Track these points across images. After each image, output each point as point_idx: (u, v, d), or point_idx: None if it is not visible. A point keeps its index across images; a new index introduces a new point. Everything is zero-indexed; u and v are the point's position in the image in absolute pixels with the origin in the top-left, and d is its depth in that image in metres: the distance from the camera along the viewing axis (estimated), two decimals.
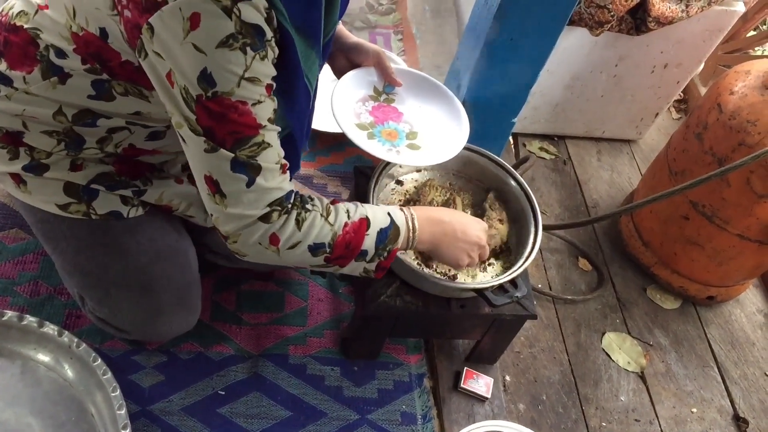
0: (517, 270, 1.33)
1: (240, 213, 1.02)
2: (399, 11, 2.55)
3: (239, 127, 0.95)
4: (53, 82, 1.09)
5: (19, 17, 1.10)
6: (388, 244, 1.15)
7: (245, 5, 0.87)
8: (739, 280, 1.93)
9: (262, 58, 0.92)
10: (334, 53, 1.38)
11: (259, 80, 0.93)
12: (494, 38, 1.44)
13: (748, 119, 1.59)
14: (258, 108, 0.95)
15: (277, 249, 1.06)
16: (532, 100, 2.16)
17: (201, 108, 0.93)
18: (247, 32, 0.88)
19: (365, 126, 1.30)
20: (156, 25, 0.89)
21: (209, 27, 0.87)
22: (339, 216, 1.10)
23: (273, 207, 1.03)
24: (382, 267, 1.17)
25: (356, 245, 1.11)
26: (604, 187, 2.27)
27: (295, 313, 1.60)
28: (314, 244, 1.08)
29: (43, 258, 1.54)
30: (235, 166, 0.98)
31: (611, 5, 1.76)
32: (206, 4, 0.85)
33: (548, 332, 1.84)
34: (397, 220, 1.16)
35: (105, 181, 1.25)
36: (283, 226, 1.05)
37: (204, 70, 0.89)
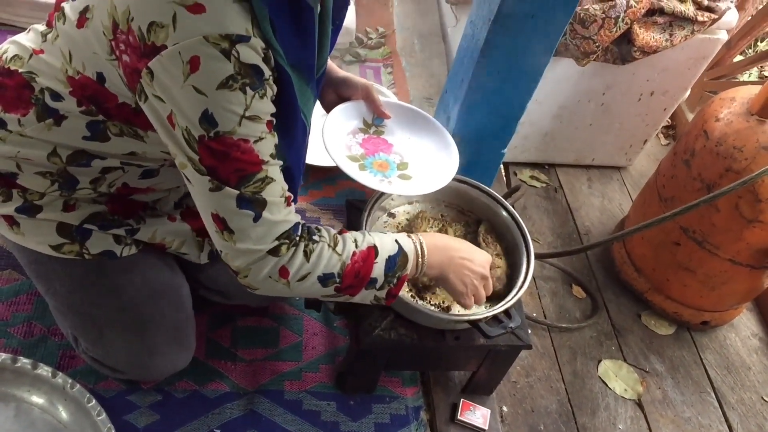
0: (510, 300, 1.33)
1: (249, 248, 1.02)
2: (388, 45, 2.58)
3: (243, 165, 0.96)
4: (48, 124, 1.10)
5: (13, 62, 1.12)
6: (397, 270, 1.15)
7: (243, 47, 0.89)
8: (733, 305, 1.94)
9: (261, 96, 0.94)
10: (323, 88, 1.39)
11: (260, 118, 0.95)
12: (481, 72, 1.46)
13: (735, 145, 1.61)
14: (260, 144, 0.97)
15: (287, 281, 1.06)
16: (522, 130, 2.19)
17: (204, 148, 0.94)
18: (246, 73, 0.90)
19: (356, 158, 1.31)
20: (156, 69, 0.90)
21: (209, 69, 0.88)
22: (347, 245, 1.11)
23: (281, 240, 1.04)
24: (392, 294, 1.17)
25: (365, 274, 1.12)
26: (596, 213, 2.29)
27: (290, 348, 1.60)
28: (323, 275, 1.08)
29: (36, 298, 1.54)
30: (241, 203, 0.99)
31: (596, 36, 1.79)
32: (205, 47, 0.87)
33: (544, 361, 1.83)
34: (405, 246, 1.17)
35: (98, 220, 1.25)
36: (291, 259, 1.05)
37: (205, 111, 0.91)
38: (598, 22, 1.77)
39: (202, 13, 0.86)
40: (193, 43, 0.87)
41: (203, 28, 0.87)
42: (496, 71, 1.46)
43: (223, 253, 1.06)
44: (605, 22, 1.77)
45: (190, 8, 0.86)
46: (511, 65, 1.45)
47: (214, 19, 0.87)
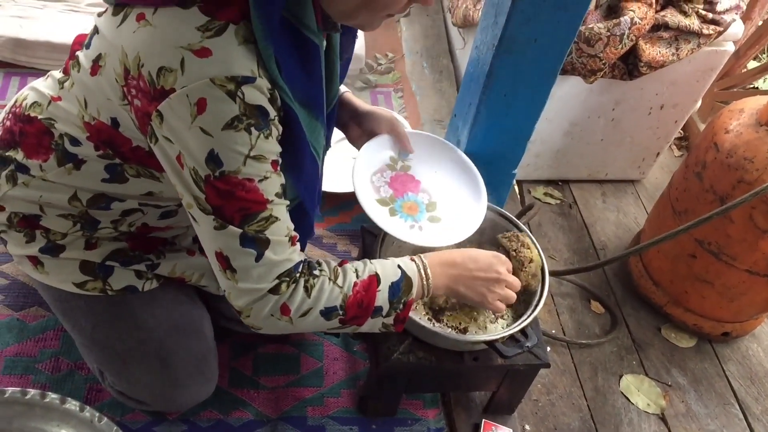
0: (526, 320, 1.35)
1: (250, 287, 1.04)
2: (398, 70, 2.62)
3: (247, 204, 0.98)
4: (68, 169, 1.14)
5: (32, 108, 1.16)
6: (402, 296, 1.15)
7: (249, 88, 0.91)
8: (753, 315, 1.93)
9: (266, 136, 0.96)
10: (347, 123, 1.40)
11: (265, 157, 0.97)
12: (488, 96, 1.48)
13: (745, 156, 1.62)
14: (265, 184, 0.99)
15: (289, 318, 1.07)
16: (534, 148, 2.21)
17: (210, 187, 0.97)
18: (252, 113, 0.93)
19: (386, 201, 1.33)
20: (165, 112, 0.93)
21: (215, 111, 0.91)
22: (348, 277, 1.11)
23: (282, 279, 1.05)
24: (400, 319, 1.17)
25: (369, 303, 1.11)
26: (611, 228, 2.29)
27: (312, 374, 1.62)
28: (325, 309, 1.09)
29: (63, 334, 1.58)
30: (244, 242, 1.00)
31: (602, 54, 1.81)
32: (211, 89, 0.90)
33: (565, 378, 1.84)
34: (408, 270, 1.16)
35: (119, 257, 1.29)
36: (292, 296, 1.06)
37: (211, 151, 0.93)
38: (604, 40, 1.79)
39: (208, 57, 0.89)
40: (200, 85, 0.89)
41: (210, 70, 0.89)
42: (502, 94, 1.48)
43: (227, 293, 1.07)
44: (610, 39, 1.79)
45: (197, 53, 0.89)
46: (518, 88, 1.47)
47: (220, 62, 0.90)
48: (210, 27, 0.90)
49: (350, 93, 1.42)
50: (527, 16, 1.32)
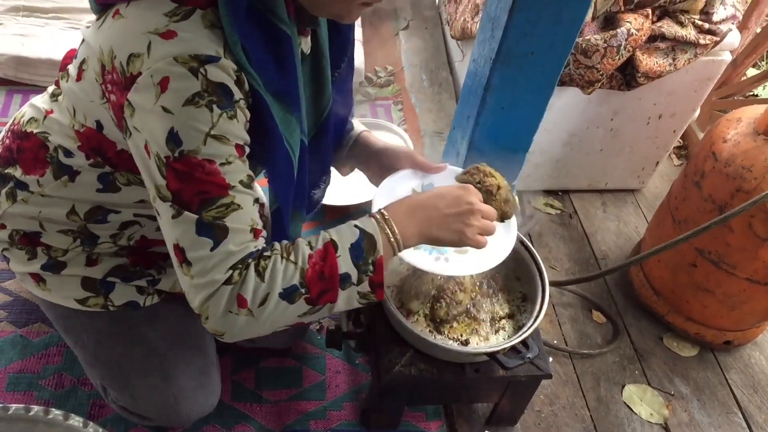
0: (527, 330, 1.35)
1: (205, 281, 0.95)
2: (397, 82, 2.63)
3: (206, 186, 0.93)
4: (64, 181, 1.15)
5: (29, 124, 1.18)
6: (367, 256, 1.03)
7: (212, 66, 0.90)
8: (754, 323, 1.93)
9: (230, 117, 0.92)
10: (366, 161, 1.37)
11: (227, 139, 0.93)
12: (486, 109, 1.50)
13: (743, 165, 1.62)
14: (227, 168, 0.94)
15: (248, 310, 0.96)
16: (533, 158, 2.21)
17: (170, 170, 0.92)
18: (214, 90, 0.90)
19: None
20: (133, 99, 0.92)
21: (176, 88, 0.89)
22: (300, 251, 1.00)
23: (234, 267, 0.96)
24: (376, 284, 1.05)
25: (331, 273, 1.00)
26: (612, 237, 2.30)
27: (314, 387, 1.62)
28: (284, 291, 0.97)
29: (66, 350, 1.59)
30: (201, 229, 0.94)
31: (599, 65, 1.82)
32: (174, 66, 0.88)
33: (567, 388, 1.84)
34: (367, 228, 1.05)
35: (120, 273, 1.30)
36: (244, 282, 0.95)
37: (171, 129, 0.90)
38: (601, 52, 1.80)
39: (174, 38, 0.89)
40: (163, 64, 0.88)
41: (174, 50, 0.89)
42: (500, 107, 1.49)
43: (186, 294, 0.99)
44: (607, 51, 1.80)
45: (163, 35, 0.89)
46: (515, 100, 1.48)
47: (185, 43, 0.89)
48: (177, 12, 0.91)
49: (368, 132, 1.39)
50: (524, 30, 1.33)
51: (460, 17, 2.37)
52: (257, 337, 1.42)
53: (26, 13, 2.40)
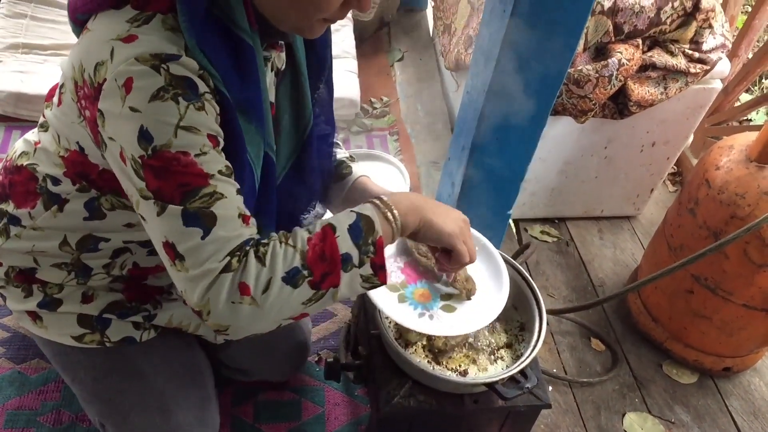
0: (525, 360, 1.35)
1: (201, 272, 0.92)
2: (393, 113, 2.66)
3: (186, 178, 0.91)
4: (54, 211, 1.16)
5: (20, 158, 1.19)
6: (367, 236, 1.00)
7: (174, 63, 0.90)
8: (753, 349, 1.93)
9: (197, 108, 0.91)
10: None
11: (197, 129, 0.91)
12: (481, 139, 1.51)
13: (737, 192, 1.64)
14: (203, 159, 0.92)
15: (252, 299, 0.92)
16: (529, 187, 2.23)
17: (147, 170, 0.91)
18: (178, 84, 0.89)
19: (396, 287, 1.26)
20: (102, 107, 0.92)
21: (140, 86, 0.88)
22: (299, 235, 0.99)
23: (233, 254, 0.93)
24: (378, 266, 1.02)
25: (332, 253, 0.97)
26: (609, 265, 2.30)
27: (313, 420, 1.62)
28: (287, 274, 0.94)
29: (64, 386, 1.58)
30: (187, 219, 0.91)
31: (592, 95, 1.84)
32: (135, 66, 0.88)
33: (568, 418, 1.83)
34: (364, 210, 1.04)
35: (116, 309, 1.30)
36: (246, 269, 0.93)
37: (141, 128, 0.89)
38: (593, 82, 1.82)
39: (134, 41, 0.90)
40: (125, 66, 0.88)
41: (134, 51, 0.89)
42: (495, 138, 1.51)
43: (181, 291, 0.95)
44: (599, 81, 1.82)
45: (125, 40, 0.90)
46: (509, 131, 1.50)
47: (145, 44, 0.90)
48: (138, 18, 0.92)
49: (366, 177, 1.36)
50: (515, 63, 1.35)
51: (454, 48, 2.40)
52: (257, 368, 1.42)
53: (25, 50, 2.43)
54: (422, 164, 2.44)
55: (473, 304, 1.28)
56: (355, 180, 1.35)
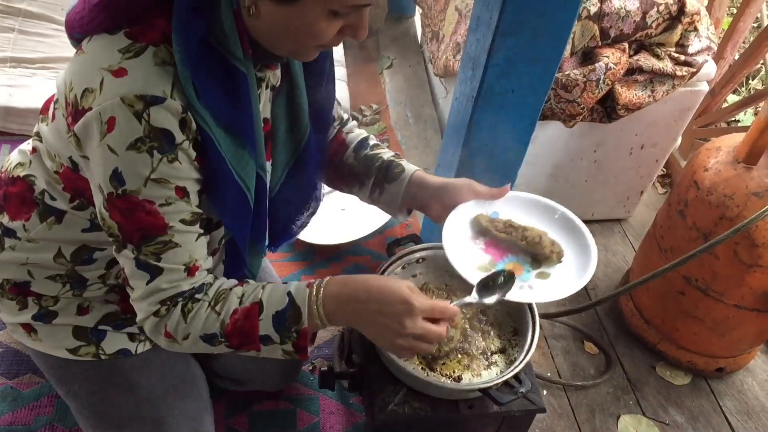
0: (518, 365, 1.35)
1: (139, 306, 1.06)
2: (383, 120, 2.67)
3: (146, 224, 0.99)
4: (50, 223, 1.16)
5: (16, 169, 1.19)
6: (290, 326, 1.05)
7: (157, 109, 0.91)
8: (745, 349, 1.94)
9: (170, 161, 0.96)
10: (427, 202, 1.34)
11: (167, 181, 0.97)
12: (470, 145, 1.52)
13: (725, 193, 1.65)
14: (166, 209, 0.99)
15: (174, 339, 1.07)
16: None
17: (112, 205, 0.98)
18: (155, 136, 0.93)
19: (486, 267, 1.25)
20: (79, 132, 0.95)
21: (121, 130, 0.91)
22: (228, 303, 1.06)
23: (163, 303, 1.05)
24: (301, 347, 1.07)
25: (251, 331, 1.05)
26: (601, 268, 2.31)
27: (308, 430, 1.61)
28: (205, 335, 1.06)
29: (57, 401, 1.57)
30: (139, 264, 1.02)
31: (580, 99, 1.86)
32: (120, 108, 0.91)
33: (563, 421, 1.83)
34: (297, 299, 1.06)
35: (111, 320, 1.30)
36: (169, 319, 1.06)
37: (115, 169, 0.94)
38: (580, 86, 1.84)
39: (123, 76, 0.91)
40: (111, 104, 0.91)
41: (121, 89, 0.91)
42: (484, 144, 1.52)
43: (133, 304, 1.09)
44: (587, 85, 1.84)
45: (115, 73, 0.91)
46: (498, 137, 1.50)
47: (133, 81, 0.91)
48: (130, 49, 0.93)
49: (421, 171, 1.38)
50: (503, 69, 1.36)
51: (442, 55, 2.41)
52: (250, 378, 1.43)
53: (14, 64, 2.43)
54: None
55: (564, 267, 1.26)
56: (411, 176, 1.35)
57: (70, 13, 1.02)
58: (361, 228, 2.12)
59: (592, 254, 1.26)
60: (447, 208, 1.30)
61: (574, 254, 1.29)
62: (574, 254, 1.29)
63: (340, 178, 1.42)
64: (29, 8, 2.60)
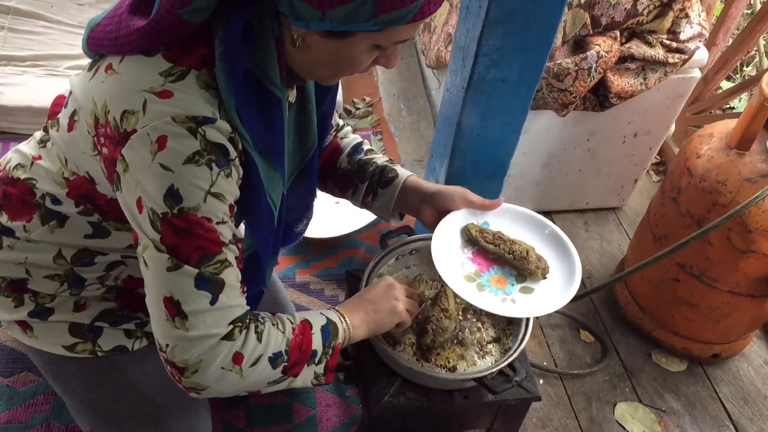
0: (513, 354, 1.36)
1: (202, 334, 0.96)
2: (376, 113, 2.66)
3: (205, 243, 0.95)
4: (52, 227, 1.16)
5: (16, 170, 1.18)
6: (332, 340, 1.13)
7: (209, 128, 0.92)
8: (740, 335, 1.94)
9: (227, 175, 0.96)
10: (419, 207, 1.35)
11: (224, 197, 0.96)
12: (461, 136, 1.52)
13: (718, 180, 1.65)
14: (222, 227, 0.97)
15: (240, 368, 1.00)
16: (513, 182, 2.24)
17: (167, 226, 0.94)
18: (212, 150, 0.93)
19: (472, 277, 1.27)
20: (127, 155, 0.93)
21: (176, 146, 0.91)
22: (285, 323, 1.09)
23: (235, 324, 1.00)
24: (329, 368, 1.14)
25: (307, 347, 1.09)
26: (596, 256, 2.31)
27: (305, 423, 1.62)
28: (273, 355, 1.04)
29: (53, 398, 1.57)
30: (200, 283, 0.96)
31: (572, 88, 1.85)
32: (172, 126, 0.91)
33: (559, 410, 1.84)
34: (330, 316, 1.16)
35: (108, 317, 1.29)
36: (245, 342, 1.00)
37: (171, 186, 0.92)
38: (572, 75, 1.83)
39: (170, 98, 0.91)
40: (160, 123, 0.90)
41: (171, 110, 0.91)
42: (475, 134, 1.51)
43: (171, 347, 0.97)
44: (579, 74, 1.83)
45: (159, 94, 0.91)
46: (490, 127, 1.50)
47: (181, 103, 0.92)
48: (172, 72, 0.93)
49: (415, 176, 1.39)
50: (493, 58, 1.36)
51: (434, 46, 2.40)
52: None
53: (4, 63, 2.41)
54: (407, 163, 2.44)
55: (549, 283, 1.28)
56: (405, 181, 1.37)
57: (97, 29, 1.01)
58: (355, 221, 2.12)
59: (576, 273, 1.28)
60: (439, 215, 1.33)
61: (560, 272, 1.30)
62: (560, 272, 1.30)
63: (333, 183, 1.44)
64: (18, 6, 2.59)
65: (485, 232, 1.32)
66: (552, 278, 1.28)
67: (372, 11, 0.89)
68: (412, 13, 0.91)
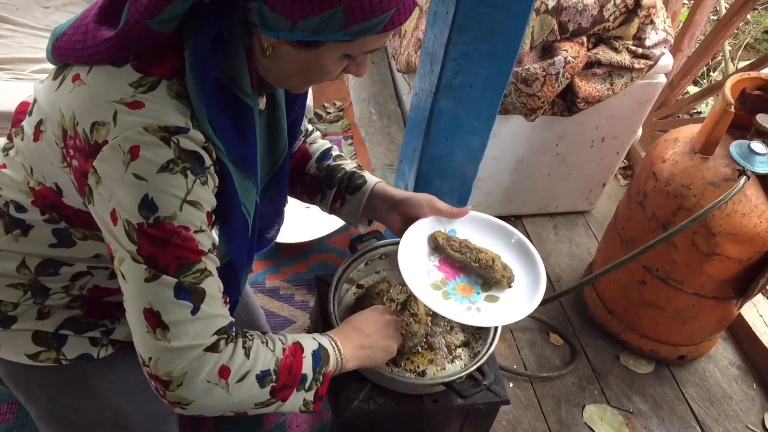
0: (481, 358, 1.36)
1: (186, 345, 0.94)
2: (347, 117, 2.66)
3: (183, 252, 0.93)
4: (16, 235, 1.13)
5: None
6: (323, 366, 1.12)
7: (183, 137, 0.91)
8: (706, 336, 1.97)
9: (202, 183, 0.94)
10: (386, 214, 1.36)
11: (201, 205, 0.94)
12: (430, 141, 1.52)
13: (683, 184, 1.68)
14: (200, 236, 0.95)
15: (227, 383, 0.97)
16: (483, 186, 2.25)
17: (143, 236, 0.92)
18: (187, 158, 0.91)
19: (438, 285, 1.26)
20: (99, 167, 0.92)
21: (149, 155, 0.89)
22: (276, 342, 1.07)
23: (220, 335, 0.97)
24: (319, 395, 1.12)
25: (297, 369, 1.07)
26: (565, 260, 2.33)
27: (275, 429, 1.61)
28: (261, 373, 1.01)
29: (17, 407, 1.55)
30: (180, 293, 0.93)
31: (540, 93, 1.87)
32: (144, 136, 0.89)
33: (529, 413, 1.85)
34: (322, 342, 1.14)
35: (73, 325, 1.27)
36: (233, 356, 0.98)
37: (145, 196, 0.90)
38: (540, 80, 1.85)
39: (141, 109, 0.90)
40: (132, 134, 0.89)
41: (142, 120, 0.90)
42: (444, 138, 1.52)
43: (153, 360, 0.94)
44: (546, 79, 1.85)
45: (129, 105, 0.90)
46: (458, 131, 1.51)
47: (153, 114, 0.90)
48: (142, 83, 0.92)
49: (383, 183, 1.39)
50: (460, 64, 1.36)
51: (404, 51, 2.41)
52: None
53: None
54: (377, 167, 2.45)
55: (514, 292, 1.28)
56: (372, 188, 1.36)
57: (63, 39, 0.99)
58: (326, 226, 2.11)
59: (541, 283, 1.28)
60: (407, 222, 1.33)
61: (525, 281, 1.30)
62: (525, 281, 1.30)
63: (302, 189, 1.44)
64: None
65: (452, 240, 1.32)
66: (517, 287, 1.29)
67: (342, 22, 0.89)
68: (382, 24, 0.91)
